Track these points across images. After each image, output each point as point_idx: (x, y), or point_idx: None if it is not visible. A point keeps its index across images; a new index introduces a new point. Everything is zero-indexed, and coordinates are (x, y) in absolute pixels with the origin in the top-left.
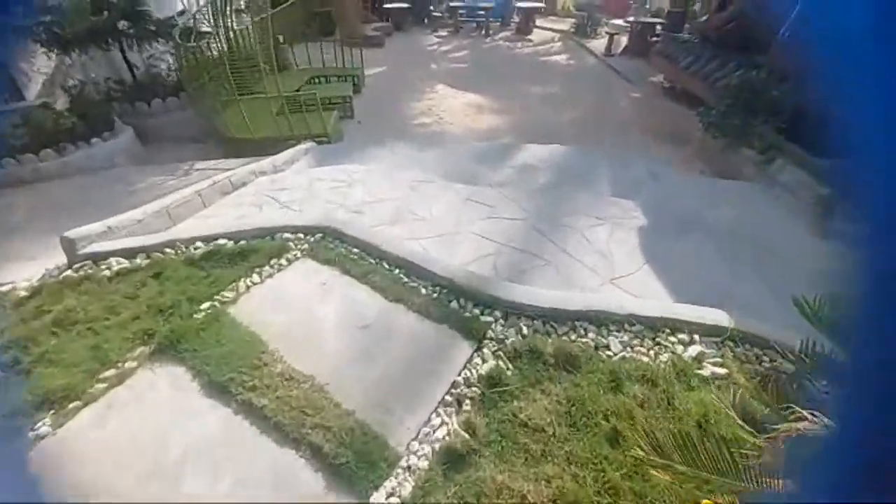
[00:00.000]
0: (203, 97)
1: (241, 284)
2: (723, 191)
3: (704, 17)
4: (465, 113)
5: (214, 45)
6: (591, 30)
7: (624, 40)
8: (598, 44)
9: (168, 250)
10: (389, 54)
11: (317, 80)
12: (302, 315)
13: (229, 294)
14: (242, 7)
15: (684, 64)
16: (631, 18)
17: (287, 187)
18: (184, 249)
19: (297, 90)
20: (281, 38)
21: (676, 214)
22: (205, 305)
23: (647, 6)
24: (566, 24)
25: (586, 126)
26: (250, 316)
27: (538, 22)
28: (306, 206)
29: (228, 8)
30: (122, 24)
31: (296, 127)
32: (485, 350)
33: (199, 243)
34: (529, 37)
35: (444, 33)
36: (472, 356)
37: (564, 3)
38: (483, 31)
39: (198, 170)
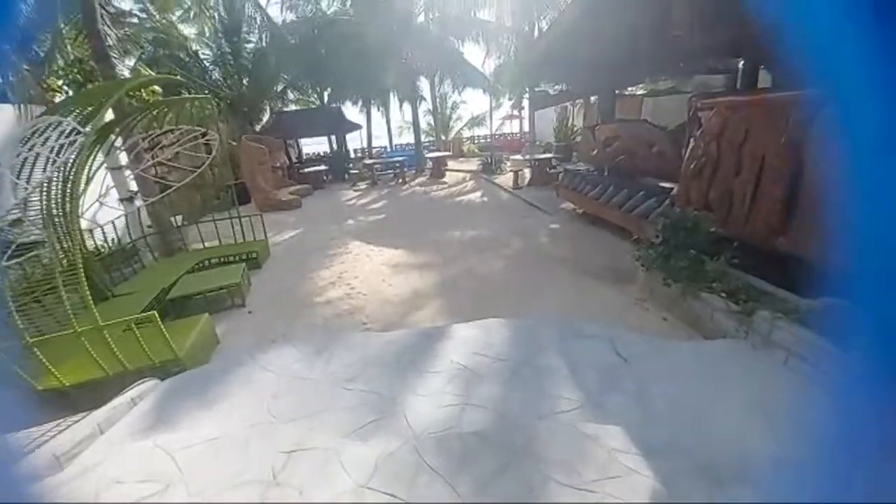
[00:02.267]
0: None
1: None
2: (718, 361)
3: (594, 152)
4: (381, 276)
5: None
6: (496, 167)
7: (528, 173)
8: (505, 179)
9: None
10: (306, 215)
11: (205, 265)
12: None
13: None
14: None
15: (593, 194)
16: (528, 156)
17: None
18: None
19: (170, 285)
20: (180, 219)
21: (690, 445)
22: None
23: (538, 143)
24: (474, 165)
25: (517, 272)
26: None
27: (450, 164)
28: None
29: (68, 205)
30: None
31: (132, 357)
32: None
33: None
34: (443, 180)
35: (363, 186)
36: None
37: (469, 147)
38: (400, 180)
39: None
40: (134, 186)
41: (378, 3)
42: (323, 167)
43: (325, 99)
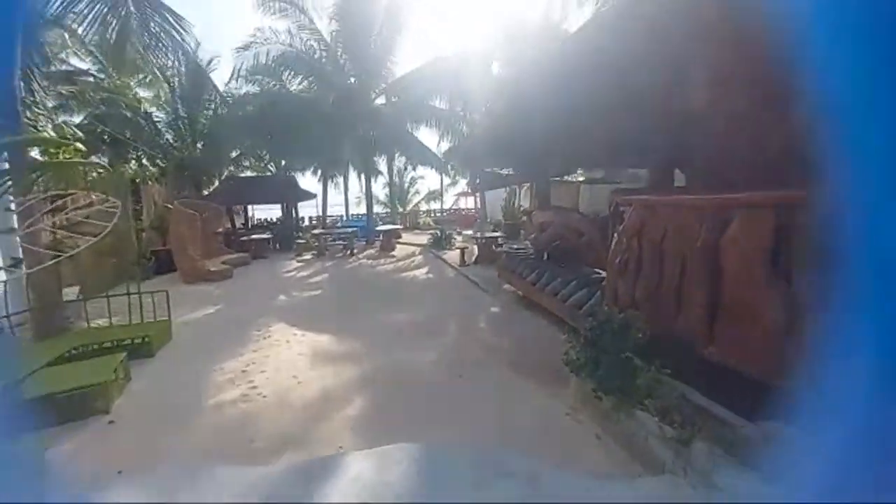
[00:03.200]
0: None
1: None
2: None
3: (532, 235)
4: (294, 370)
5: None
6: (446, 242)
7: (476, 250)
8: (454, 255)
9: None
10: (235, 288)
11: (81, 352)
12: None
13: None
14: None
15: (530, 279)
16: (475, 232)
17: None
18: None
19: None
20: (76, 292)
21: None
22: None
23: (489, 221)
24: (425, 238)
25: (446, 367)
26: None
27: (404, 237)
28: None
29: None
30: None
31: None
32: None
33: None
34: (392, 253)
35: (308, 257)
36: None
37: (425, 219)
38: (348, 252)
39: None
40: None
41: (338, 85)
42: (267, 235)
43: (282, 167)
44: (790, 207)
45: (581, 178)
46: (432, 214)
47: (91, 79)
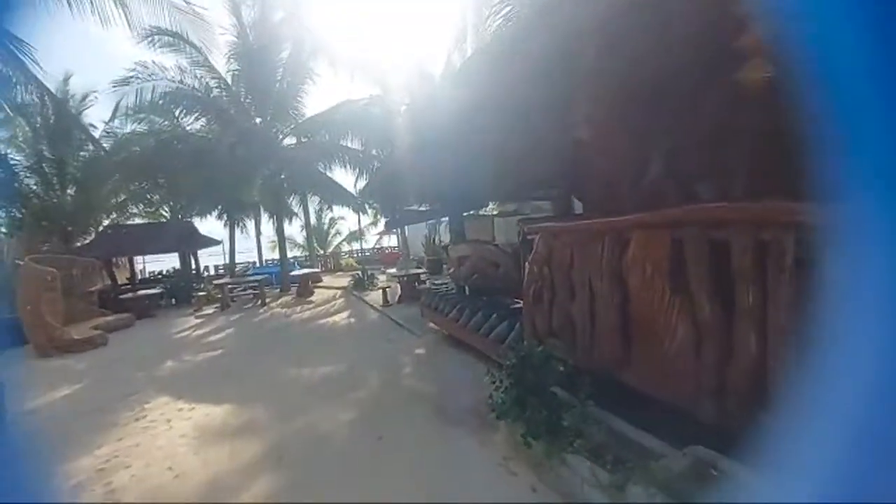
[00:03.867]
0: None
1: None
2: None
3: (451, 270)
4: (174, 457)
5: None
6: (368, 283)
7: (399, 288)
8: (376, 295)
9: None
10: (107, 358)
11: None
12: None
13: None
14: None
15: (452, 316)
16: (399, 270)
17: None
18: None
19: None
20: None
21: None
22: None
23: (412, 257)
24: (347, 280)
25: (367, 425)
26: None
27: (325, 280)
28: None
29: None
30: None
31: None
32: None
33: None
34: (310, 299)
35: (209, 311)
36: None
37: (348, 261)
38: (259, 302)
39: None
40: None
41: (241, 125)
42: (156, 290)
43: (177, 212)
44: (683, 225)
45: (494, 212)
46: (354, 255)
47: None
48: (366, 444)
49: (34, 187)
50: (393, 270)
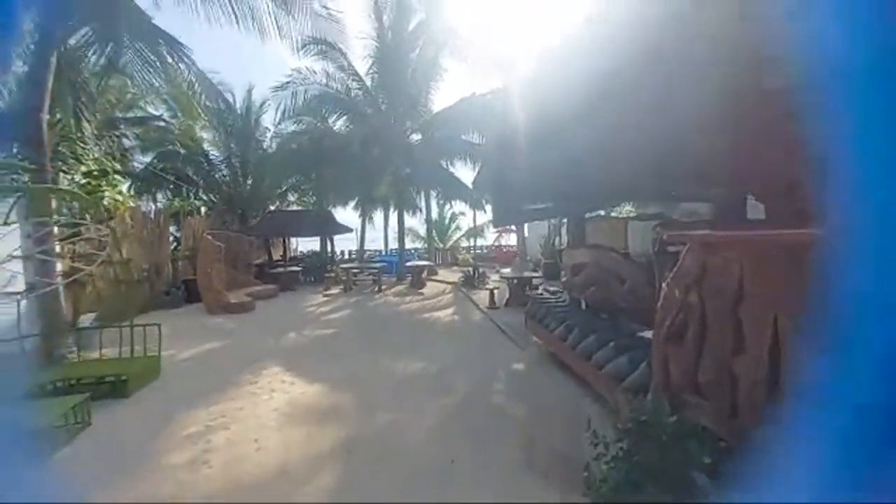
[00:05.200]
0: None
1: None
2: None
3: (564, 278)
4: (261, 431)
5: None
6: (478, 282)
7: (507, 291)
8: (484, 295)
9: None
10: (251, 322)
11: (52, 387)
12: None
13: None
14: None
15: (558, 333)
16: (510, 270)
17: None
18: None
19: None
20: (86, 317)
21: None
22: None
23: (528, 258)
24: (459, 275)
25: (444, 443)
26: None
27: (440, 273)
28: None
29: None
30: None
31: None
32: None
33: None
34: (421, 290)
35: (335, 291)
36: None
37: (464, 256)
38: (376, 287)
39: None
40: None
41: (375, 123)
42: (296, 268)
43: (317, 202)
44: None
45: (631, 214)
46: (472, 251)
47: (162, 123)
48: (436, 464)
49: (226, 178)
50: (507, 270)
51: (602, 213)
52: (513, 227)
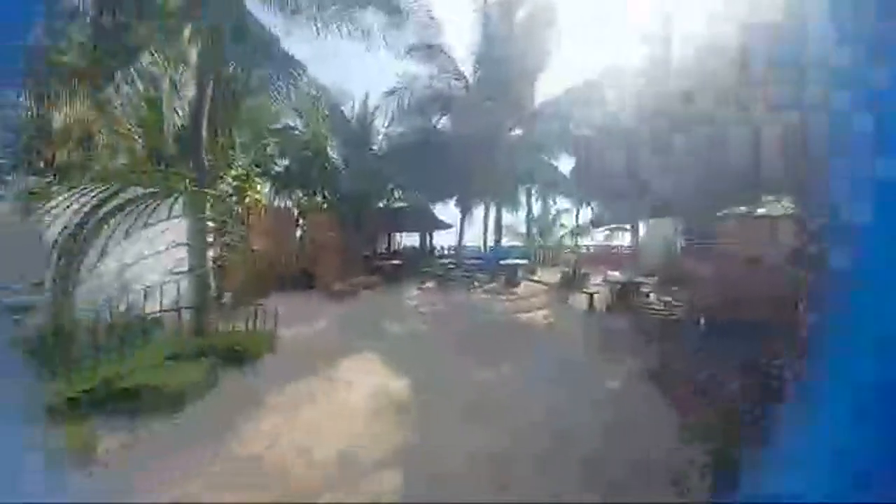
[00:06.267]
0: None
1: None
2: None
3: (675, 289)
4: (325, 423)
5: None
6: (578, 284)
7: (610, 296)
8: (584, 299)
9: None
10: (353, 310)
11: (193, 351)
12: None
13: None
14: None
15: (663, 351)
16: (619, 274)
17: None
18: None
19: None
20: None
21: None
22: None
23: (642, 262)
24: (559, 275)
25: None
26: None
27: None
28: None
29: None
30: None
31: None
32: None
33: None
34: (515, 290)
35: (430, 285)
36: None
37: (567, 256)
38: (470, 284)
39: None
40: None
41: (476, 120)
42: (396, 261)
43: (422, 199)
44: None
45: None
46: (575, 250)
47: (297, 132)
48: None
49: (344, 178)
50: (616, 274)
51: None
52: (627, 227)
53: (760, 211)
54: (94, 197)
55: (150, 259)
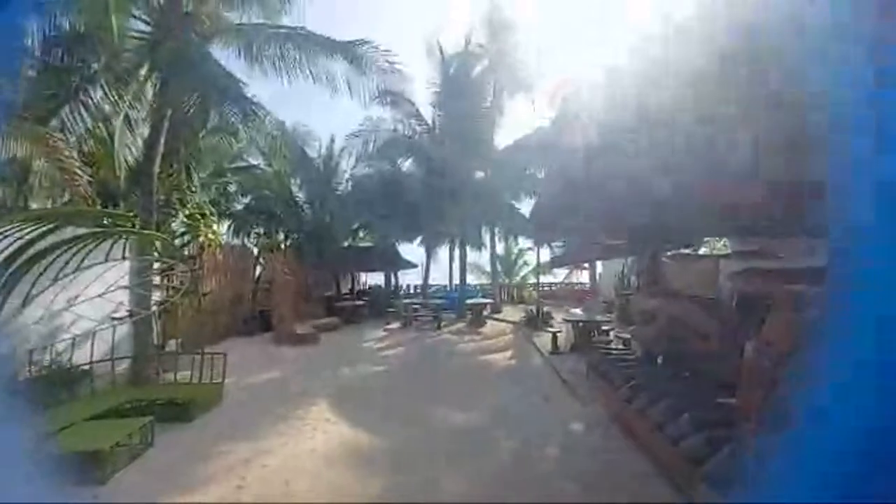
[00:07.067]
0: None
1: None
2: None
3: (631, 328)
4: (296, 471)
5: None
6: (542, 322)
7: (572, 335)
8: (547, 338)
9: None
10: (313, 355)
11: (124, 407)
12: None
13: None
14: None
15: (623, 393)
16: (581, 311)
17: None
18: None
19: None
20: (174, 342)
21: None
22: None
23: (601, 299)
24: (521, 313)
25: None
26: None
27: (505, 310)
28: None
29: None
30: None
31: None
32: None
33: None
34: (481, 329)
35: (395, 326)
36: None
37: (530, 293)
38: (436, 325)
39: None
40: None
41: (439, 163)
42: (359, 302)
43: (388, 239)
44: None
45: (723, 251)
46: (537, 288)
47: (259, 171)
48: None
49: (307, 218)
50: (577, 311)
51: (682, 250)
52: (585, 264)
53: (703, 250)
54: (23, 237)
55: (84, 304)
